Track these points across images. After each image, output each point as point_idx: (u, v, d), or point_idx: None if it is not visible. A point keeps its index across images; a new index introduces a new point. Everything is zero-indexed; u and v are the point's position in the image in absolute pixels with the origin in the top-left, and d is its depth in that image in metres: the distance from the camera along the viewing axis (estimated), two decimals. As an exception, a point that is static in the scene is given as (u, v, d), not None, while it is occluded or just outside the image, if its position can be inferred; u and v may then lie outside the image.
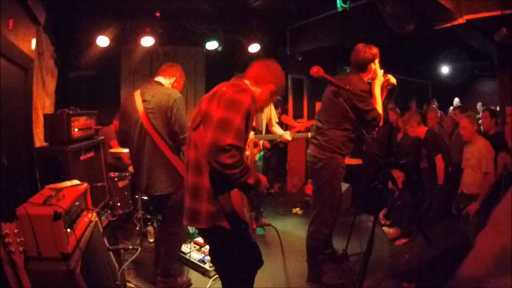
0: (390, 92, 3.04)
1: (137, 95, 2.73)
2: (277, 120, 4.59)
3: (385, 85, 2.94)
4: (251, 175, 1.70)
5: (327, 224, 3.01)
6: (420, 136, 4.20)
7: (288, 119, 5.14)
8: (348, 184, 5.19)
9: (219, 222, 1.76)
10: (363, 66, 2.87)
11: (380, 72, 2.92)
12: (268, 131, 4.35)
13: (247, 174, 1.67)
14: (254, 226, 1.97)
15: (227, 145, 1.56)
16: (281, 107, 5.31)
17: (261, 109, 2.25)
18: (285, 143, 5.26)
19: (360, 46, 2.89)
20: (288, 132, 4.27)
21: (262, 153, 4.78)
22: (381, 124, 2.90)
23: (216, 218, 1.76)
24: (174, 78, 2.89)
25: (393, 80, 2.92)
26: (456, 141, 4.38)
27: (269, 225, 4.44)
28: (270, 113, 4.33)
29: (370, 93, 2.89)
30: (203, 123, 1.74)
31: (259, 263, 1.98)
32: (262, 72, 1.92)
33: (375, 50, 2.86)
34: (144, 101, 2.68)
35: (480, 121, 4.40)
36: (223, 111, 1.65)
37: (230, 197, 1.72)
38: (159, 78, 2.85)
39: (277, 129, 4.35)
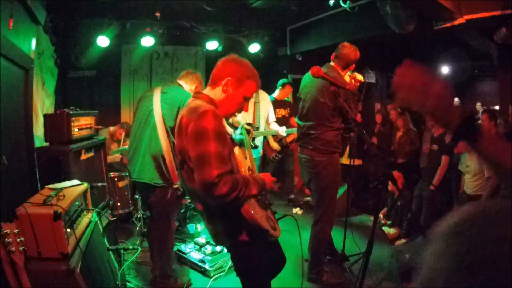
0: (359, 90, 3.06)
1: (157, 90, 2.87)
2: (275, 119, 4.67)
3: (353, 83, 2.97)
4: (251, 186, 1.67)
5: (331, 223, 3.05)
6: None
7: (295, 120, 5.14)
8: (347, 184, 5.19)
9: (239, 237, 1.75)
10: (348, 64, 2.92)
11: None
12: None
13: (248, 188, 1.64)
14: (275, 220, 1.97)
15: (216, 177, 1.52)
16: (291, 108, 5.31)
17: (237, 110, 1.87)
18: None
19: (350, 45, 2.93)
20: (284, 127, 4.40)
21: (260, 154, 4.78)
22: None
23: (236, 233, 1.75)
24: (195, 85, 3.00)
25: (359, 77, 2.98)
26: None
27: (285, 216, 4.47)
28: (268, 111, 4.55)
29: None
30: (185, 160, 1.71)
31: (282, 264, 2.06)
32: (216, 71, 1.83)
33: (358, 54, 2.93)
34: (163, 92, 2.81)
35: (478, 122, 4.37)
36: (195, 147, 1.60)
37: (240, 213, 1.69)
38: (180, 82, 2.98)
39: (274, 126, 4.52)
